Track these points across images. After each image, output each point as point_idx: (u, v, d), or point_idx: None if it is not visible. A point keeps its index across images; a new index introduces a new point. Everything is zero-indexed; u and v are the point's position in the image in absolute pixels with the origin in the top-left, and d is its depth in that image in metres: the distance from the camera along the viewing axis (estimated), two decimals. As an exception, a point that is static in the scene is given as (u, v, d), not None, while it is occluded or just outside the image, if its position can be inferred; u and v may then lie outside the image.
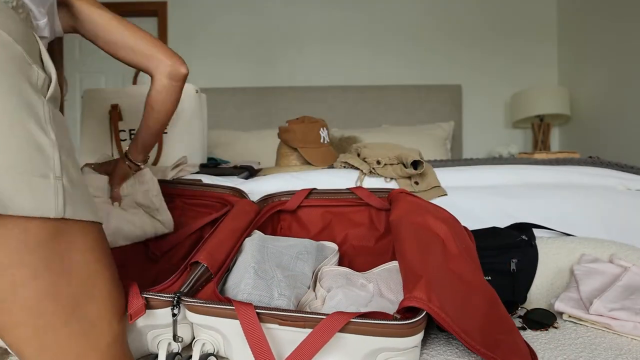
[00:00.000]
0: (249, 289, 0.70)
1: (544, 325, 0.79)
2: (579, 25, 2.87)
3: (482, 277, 0.75)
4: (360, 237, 1.00)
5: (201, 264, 0.72)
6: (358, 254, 0.99)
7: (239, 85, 3.15)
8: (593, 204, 1.12)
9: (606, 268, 0.89)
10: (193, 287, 0.69)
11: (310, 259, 0.82)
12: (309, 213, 1.02)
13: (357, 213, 1.00)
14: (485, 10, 3.13)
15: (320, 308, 0.72)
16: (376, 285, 0.78)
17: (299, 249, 0.83)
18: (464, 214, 1.13)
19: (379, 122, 2.99)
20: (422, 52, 3.14)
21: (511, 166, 1.29)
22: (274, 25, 3.18)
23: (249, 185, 1.24)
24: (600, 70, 2.66)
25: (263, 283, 0.72)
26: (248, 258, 0.78)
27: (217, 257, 0.76)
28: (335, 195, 1.00)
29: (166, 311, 0.66)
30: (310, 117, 1.52)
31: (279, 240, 0.85)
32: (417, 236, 0.75)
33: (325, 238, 1.00)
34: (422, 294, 0.59)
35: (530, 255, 0.95)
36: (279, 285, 0.72)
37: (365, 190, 0.98)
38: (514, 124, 3.06)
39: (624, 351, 0.69)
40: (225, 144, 2.63)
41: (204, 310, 0.63)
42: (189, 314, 0.65)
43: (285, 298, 0.70)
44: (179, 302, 0.64)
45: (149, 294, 0.65)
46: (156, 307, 0.66)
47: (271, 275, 0.74)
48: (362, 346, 0.59)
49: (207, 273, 0.73)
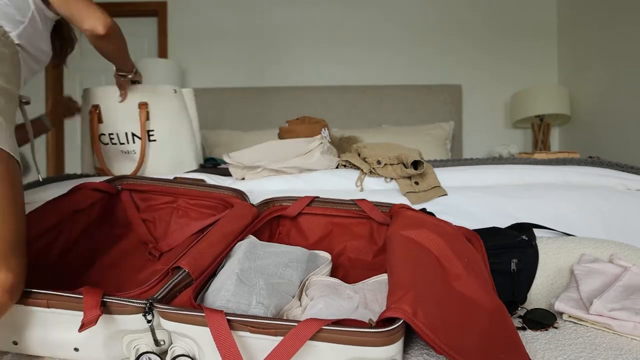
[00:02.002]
0: (228, 296, 0.69)
1: (544, 325, 0.79)
2: (579, 25, 2.87)
3: (488, 293, 0.72)
4: (358, 250, 0.99)
5: (182, 269, 0.72)
6: (354, 266, 0.98)
7: (239, 85, 3.15)
8: (593, 204, 1.12)
9: (606, 268, 0.89)
10: (170, 292, 0.68)
11: (300, 268, 0.81)
12: (309, 221, 1.01)
13: (358, 225, 1.00)
14: (486, 10, 3.13)
15: (300, 317, 0.71)
16: (363, 296, 0.76)
17: (289, 257, 0.82)
18: (464, 214, 1.13)
19: (379, 122, 2.99)
20: (422, 52, 3.14)
21: (511, 166, 1.29)
22: (274, 25, 3.18)
23: (249, 184, 1.24)
24: (600, 70, 2.66)
25: (244, 290, 0.71)
26: (234, 263, 0.77)
27: (201, 263, 0.75)
28: (337, 206, 0.99)
29: (139, 317, 0.65)
30: (310, 117, 1.53)
31: (271, 247, 0.84)
32: (408, 249, 0.73)
33: (323, 248, 0.99)
34: (407, 307, 0.57)
35: (531, 255, 0.95)
36: (259, 293, 0.71)
37: (368, 203, 0.97)
38: (514, 124, 3.06)
39: (624, 351, 0.69)
40: (225, 144, 2.63)
41: (176, 317, 0.61)
42: (162, 320, 0.63)
43: (263, 307, 0.69)
44: (151, 309, 0.63)
45: (120, 300, 0.64)
46: (129, 313, 0.65)
47: (254, 282, 0.73)
48: (336, 355, 0.57)
49: (187, 278, 0.72)
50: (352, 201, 0.98)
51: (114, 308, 0.65)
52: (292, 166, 1.27)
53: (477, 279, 0.75)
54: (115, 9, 3.25)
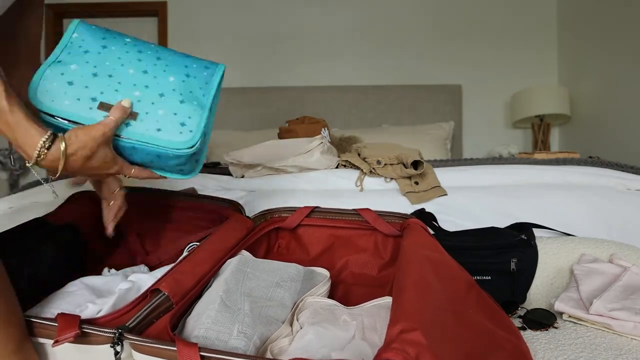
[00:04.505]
0: (208, 323, 0.62)
1: (544, 325, 0.79)
2: (579, 25, 2.87)
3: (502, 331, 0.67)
4: (362, 264, 0.93)
5: (161, 292, 0.64)
6: (356, 282, 0.91)
7: (239, 85, 3.15)
8: (593, 204, 1.12)
9: (606, 268, 0.89)
10: (146, 318, 0.61)
11: (294, 288, 0.74)
12: (309, 233, 0.95)
13: (361, 237, 0.93)
14: (486, 10, 3.13)
15: (287, 348, 0.64)
16: (360, 323, 0.69)
17: (281, 275, 0.75)
18: (464, 214, 1.13)
19: (379, 122, 2.99)
20: (422, 52, 3.14)
21: (511, 166, 1.29)
22: (274, 25, 3.18)
23: (250, 184, 1.24)
24: (600, 70, 2.66)
25: (227, 316, 0.64)
26: (220, 284, 0.70)
27: (184, 284, 0.67)
28: (339, 216, 0.93)
29: (107, 347, 0.57)
30: (310, 117, 1.53)
31: (263, 264, 0.77)
32: (434, 271, 0.64)
33: (324, 262, 0.93)
34: (411, 349, 0.45)
35: (530, 255, 0.95)
36: (242, 321, 0.63)
37: (372, 212, 0.90)
38: (514, 124, 3.06)
39: (624, 351, 0.69)
40: (226, 144, 2.63)
41: (147, 350, 0.54)
42: (134, 353, 0.56)
43: (245, 337, 0.62)
44: (120, 339, 0.56)
45: (89, 327, 0.57)
46: (97, 343, 0.57)
47: (239, 306, 0.66)
48: None
49: (167, 302, 0.64)
50: (354, 211, 0.92)
51: (81, 336, 0.57)
52: (292, 165, 1.27)
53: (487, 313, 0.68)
54: (115, 9, 3.25)
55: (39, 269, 0.80)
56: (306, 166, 1.28)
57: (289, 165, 1.27)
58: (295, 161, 1.27)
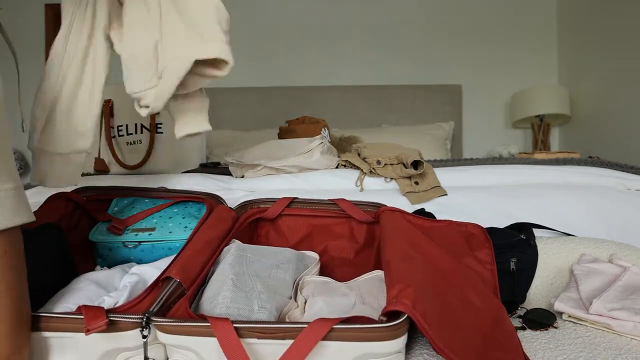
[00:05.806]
0: (227, 302, 0.67)
1: (543, 325, 0.79)
2: (579, 25, 2.87)
3: (487, 294, 0.72)
4: (339, 249, 1.00)
5: (173, 279, 0.69)
6: (338, 265, 0.99)
7: (239, 85, 3.15)
8: (593, 204, 1.13)
9: (606, 268, 0.89)
10: (164, 305, 0.65)
11: (291, 268, 0.80)
12: (289, 222, 1.00)
13: (337, 225, 0.99)
14: (486, 10, 3.13)
15: (300, 317, 0.70)
16: (358, 293, 0.76)
17: (279, 258, 0.81)
18: (464, 214, 1.13)
19: (379, 122, 2.99)
20: (422, 52, 3.14)
21: (511, 166, 1.29)
22: (274, 25, 3.18)
23: (250, 184, 1.25)
24: (600, 70, 2.66)
25: (242, 295, 0.69)
26: (226, 269, 0.74)
27: (191, 271, 0.72)
28: (317, 206, 0.99)
29: (134, 333, 0.61)
30: (310, 117, 1.53)
31: (259, 249, 0.83)
32: (403, 245, 0.73)
33: (304, 248, 0.99)
34: (408, 300, 0.57)
35: (530, 255, 0.95)
36: (259, 297, 0.69)
37: (347, 202, 0.97)
38: (514, 124, 3.06)
39: (624, 351, 0.70)
40: (226, 144, 2.63)
41: (176, 329, 0.59)
42: (160, 334, 0.61)
43: (266, 311, 0.67)
44: (148, 323, 0.60)
45: (115, 315, 0.61)
46: (123, 329, 0.61)
47: (251, 286, 0.71)
48: (346, 353, 0.57)
49: (179, 289, 0.69)
50: (331, 201, 0.98)
51: (110, 324, 0.61)
52: (292, 165, 1.27)
53: (474, 279, 0.75)
54: (115, 8, 3.25)
55: (36, 271, 0.81)
56: (306, 166, 1.28)
57: (289, 165, 1.27)
58: (295, 161, 1.27)
